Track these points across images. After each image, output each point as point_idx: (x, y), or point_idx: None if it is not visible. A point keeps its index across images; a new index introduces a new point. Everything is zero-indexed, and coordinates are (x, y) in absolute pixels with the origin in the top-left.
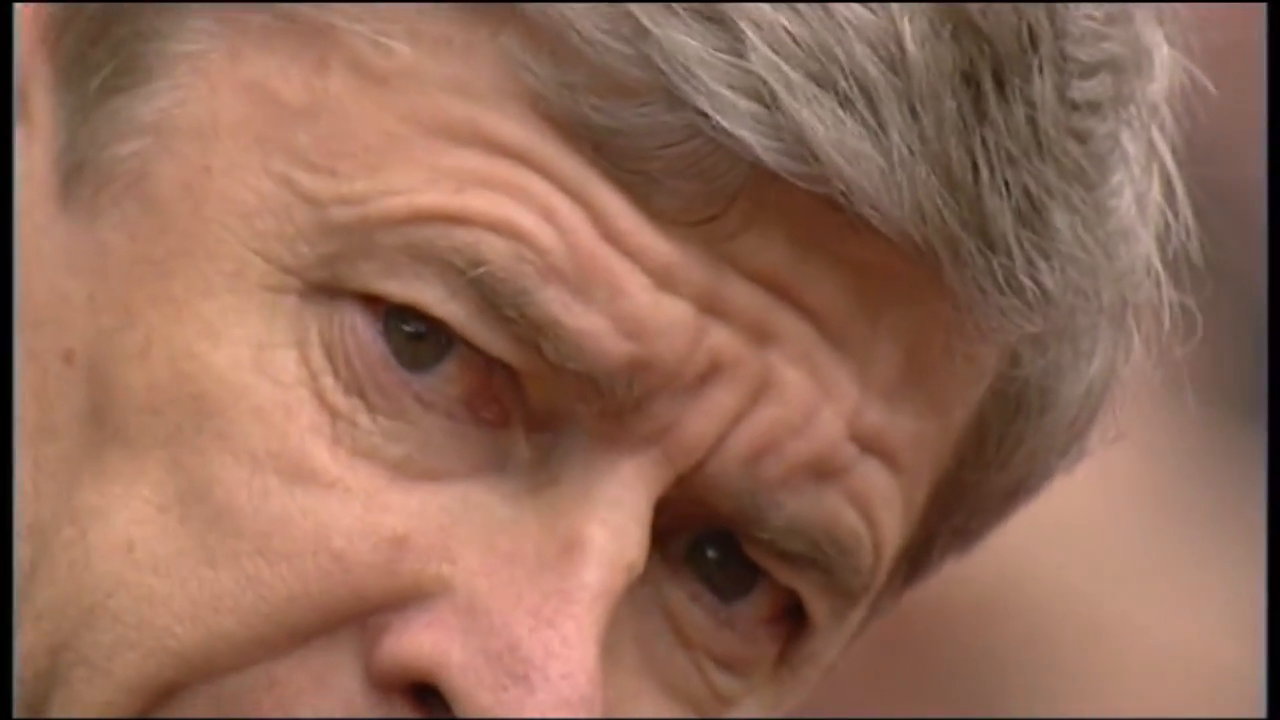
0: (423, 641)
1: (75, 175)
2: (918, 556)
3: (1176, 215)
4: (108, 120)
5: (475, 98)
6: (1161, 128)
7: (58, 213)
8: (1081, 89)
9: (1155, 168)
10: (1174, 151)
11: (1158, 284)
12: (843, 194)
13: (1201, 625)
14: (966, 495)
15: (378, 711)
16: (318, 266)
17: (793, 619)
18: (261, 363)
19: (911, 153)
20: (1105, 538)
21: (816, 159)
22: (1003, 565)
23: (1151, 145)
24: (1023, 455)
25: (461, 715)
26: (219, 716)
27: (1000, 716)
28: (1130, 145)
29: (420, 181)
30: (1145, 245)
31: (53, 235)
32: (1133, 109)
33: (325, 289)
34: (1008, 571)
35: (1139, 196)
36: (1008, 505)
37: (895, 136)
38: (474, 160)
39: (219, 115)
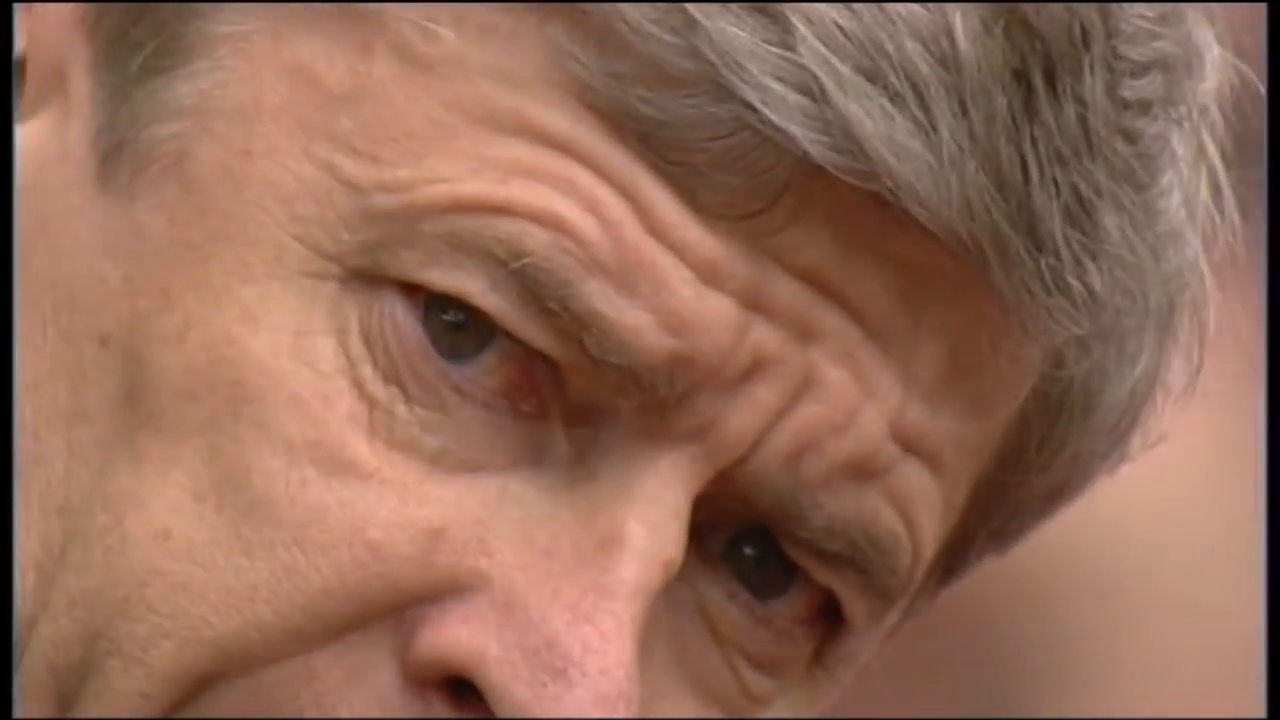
0: (459, 635)
1: (113, 156)
2: (954, 557)
3: (1223, 216)
4: (147, 101)
5: (521, 86)
6: (1211, 128)
7: (95, 194)
8: (1133, 88)
9: (1204, 168)
10: (1222, 153)
11: (1203, 285)
12: (890, 190)
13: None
14: (1006, 497)
15: (413, 707)
16: (358, 253)
17: (828, 619)
18: (300, 350)
19: (961, 150)
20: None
21: (865, 154)
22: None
23: (1200, 146)
24: (1065, 458)
25: (498, 711)
26: (257, 709)
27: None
28: (1179, 146)
29: (464, 170)
30: (1193, 248)
31: (89, 217)
32: (1183, 109)
33: (365, 276)
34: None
35: (1188, 198)
36: (1048, 507)
37: (945, 133)
38: (519, 150)
39: (261, 98)
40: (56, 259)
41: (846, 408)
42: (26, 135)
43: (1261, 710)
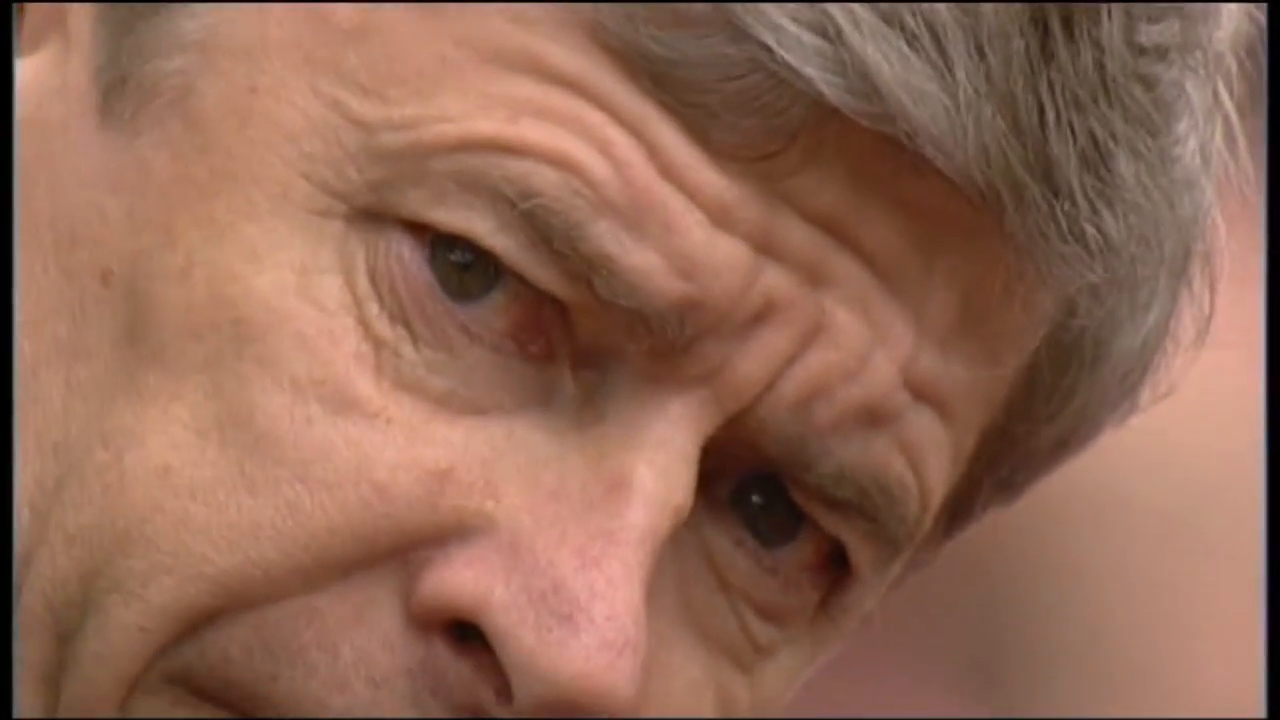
0: (465, 578)
1: (116, 91)
2: (960, 507)
3: (1237, 164)
4: (151, 35)
5: (532, 24)
6: (1226, 76)
7: (96, 129)
8: (1149, 34)
9: (1219, 117)
10: (1237, 101)
11: (1216, 233)
12: (906, 134)
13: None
14: (1015, 447)
15: (415, 650)
16: (365, 192)
17: (835, 567)
18: (305, 288)
19: (978, 94)
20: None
21: (880, 97)
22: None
23: (1215, 94)
24: (1074, 408)
25: (503, 656)
26: (259, 646)
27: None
28: (1195, 93)
29: (473, 109)
30: (1207, 195)
31: (90, 152)
32: (1199, 55)
33: (372, 215)
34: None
35: (1202, 145)
36: (1055, 458)
37: (962, 76)
38: (529, 89)
39: (267, 33)
40: (56, 195)
41: (858, 353)
42: (26, 70)
43: (1262, 711)
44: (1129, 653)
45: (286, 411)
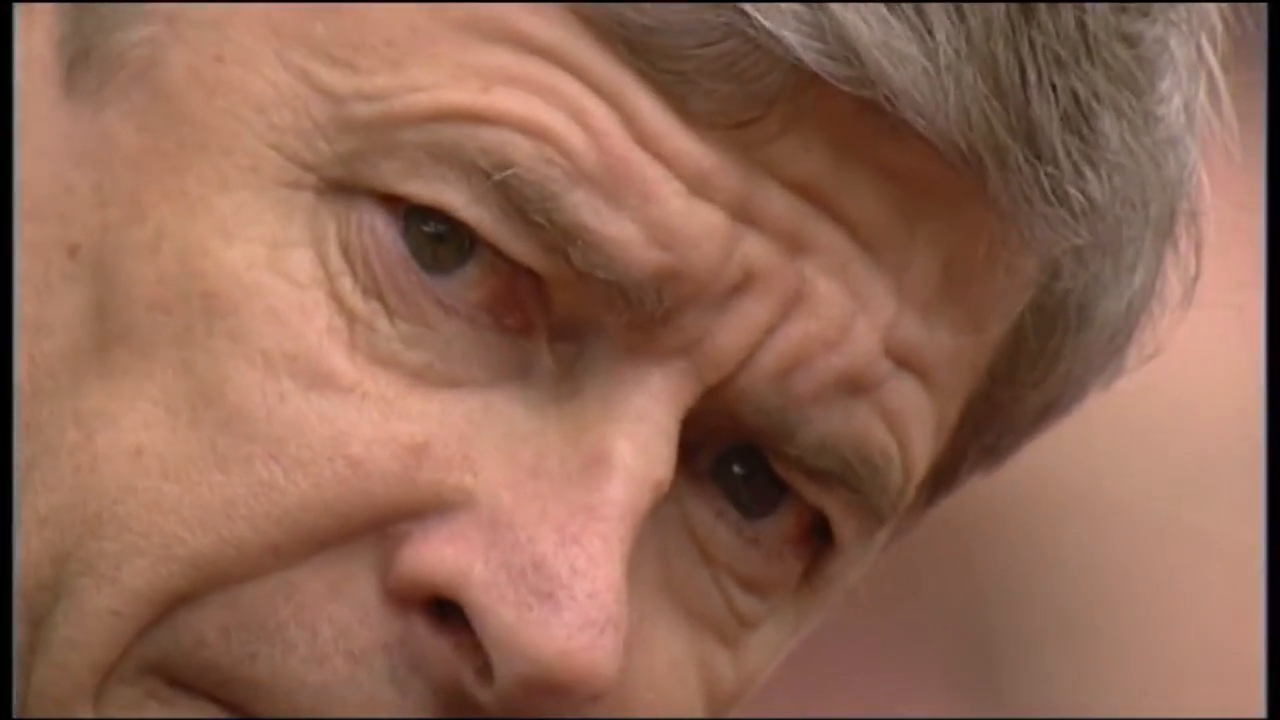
0: (444, 555)
1: (80, 62)
2: (944, 474)
3: (1222, 120)
4: (115, 6)
5: None
6: (1210, 31)
7: (60, 100)
8: None
9: (1202, 73)
10: (1221, 56)
11: (1201, 192)
12: (886, 98)
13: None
14: (999, 413)
15: (394, 624)
16: (336, 164)
17: (818, 538)
18: (276, 261)
19: (958, 55)
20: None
21: (860, 61)
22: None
23: (1199, 48)
24: (1059, 372)
25: (482, 633)
26: (235, 624)
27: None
28: (1178, 49)
29: (444, 78)
30: (1192, 154)
31: (55, 123)
32: (1181, 10)
33: (343, 187)
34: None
35: (1186, 103)
36: (1040, 423)
37: (942, 38)
38: (502, 57)
39: (234, 3)
40: (20, 168)
41: (838, 322)
42: None
43: (1262, 711)
44: (1129, 652)
45: (258, 387)
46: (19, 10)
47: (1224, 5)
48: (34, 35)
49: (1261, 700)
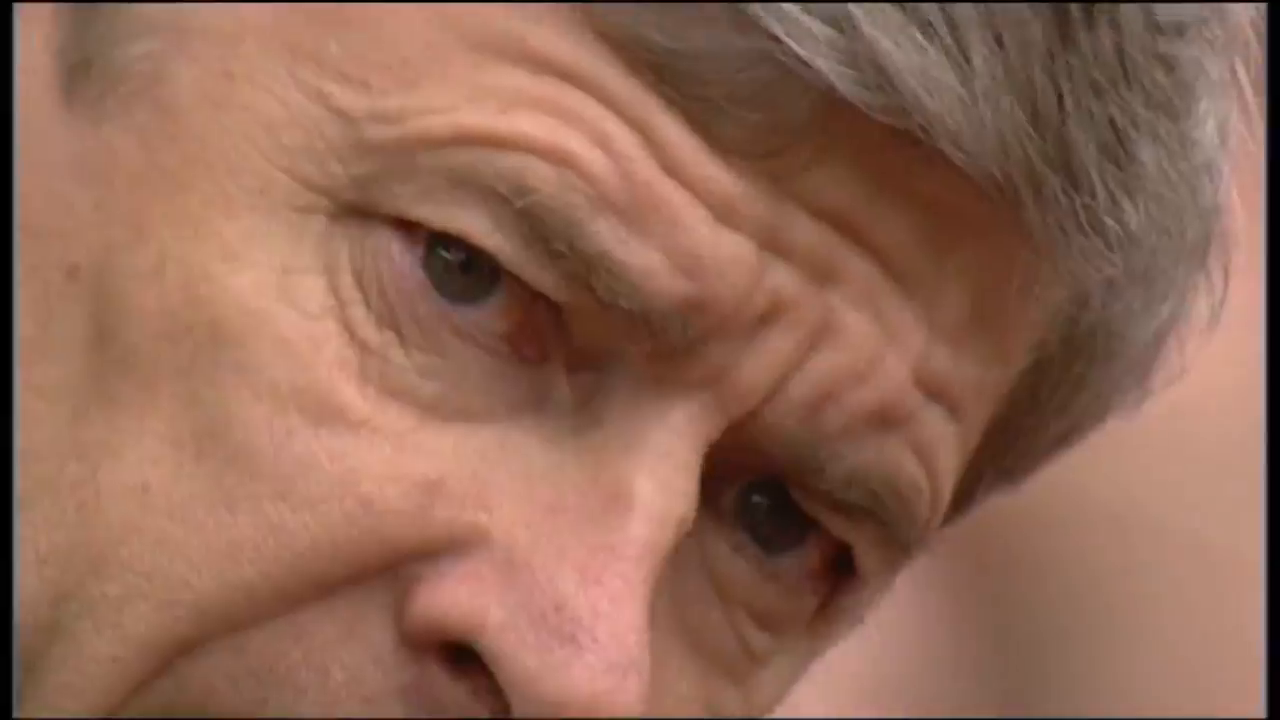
0: (459, 597)
1: (81, 73)
2: (960, 497)
3: (1255, 143)
4: (117, 15)
5: (524, 10)
6: (1244, 51)
7: (60, 113)
8: (1168, 11)
9: (1234, 93)
10: (1252, 76)
11: (1231, 214)
12: (921, 127)
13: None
14: (1019, 438)
15: (409, 669)
16: (350, 187)
17: (837, 571)
18: (286, 289)
19: (995, 83)
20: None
21: (895, 89)
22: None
23: (1232, 68)
24: (1084, 399)
25: (503, 678)
26: (242, 671)
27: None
28: (1213, 69)
29: (460, 100)
30: (1225, 177)
31: (54, 137)
32: (1216, 29)
33: (357, 212)
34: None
35: (1220, 124)
36: (1060, 446)
37: (979, 64)
38: (521, 79)
39: (243, 16)
40: (19, 183)
41: (868, 355)
42: None
43: (1262, 711)
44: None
45: (266, 422)
46: (19, 11)
47: (1257, 21)
48: (31, 42)
49: (1261, 700)
